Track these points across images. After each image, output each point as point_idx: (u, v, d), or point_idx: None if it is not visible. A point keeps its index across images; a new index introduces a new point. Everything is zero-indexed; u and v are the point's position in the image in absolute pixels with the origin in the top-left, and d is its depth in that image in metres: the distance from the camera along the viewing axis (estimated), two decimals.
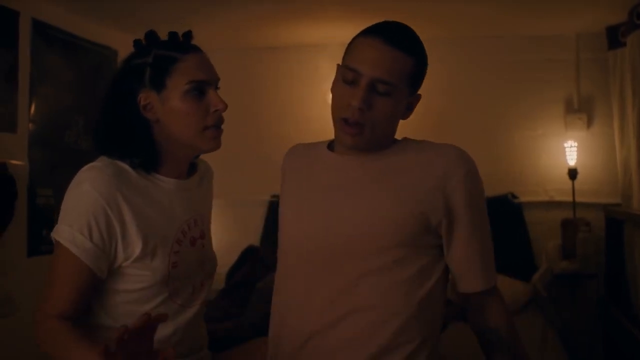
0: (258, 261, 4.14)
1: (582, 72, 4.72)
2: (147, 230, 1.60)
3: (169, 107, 1.62)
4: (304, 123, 4.96)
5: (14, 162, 3.61)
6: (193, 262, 1.71)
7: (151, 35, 1.69)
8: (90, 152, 1.77)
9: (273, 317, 1.69)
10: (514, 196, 4.68)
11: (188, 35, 1.71)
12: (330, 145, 1.71)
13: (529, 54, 4.81)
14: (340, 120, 1.55)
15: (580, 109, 4.70)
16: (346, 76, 1.54)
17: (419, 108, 1.66)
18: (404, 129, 1.68)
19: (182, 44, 1.67)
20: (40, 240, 3.77)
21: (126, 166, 1.65)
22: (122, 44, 4.81)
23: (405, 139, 1.68)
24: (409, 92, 1.58)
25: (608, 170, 4.56)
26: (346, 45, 1.60)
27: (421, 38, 1.61)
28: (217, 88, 1.69)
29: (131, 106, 1.64)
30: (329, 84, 1.64)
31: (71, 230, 1.56)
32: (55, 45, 4.11)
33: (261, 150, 5.00)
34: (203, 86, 1.64)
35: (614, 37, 4.34)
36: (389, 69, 1.51)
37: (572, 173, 4.54)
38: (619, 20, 4.20)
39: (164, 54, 1.63)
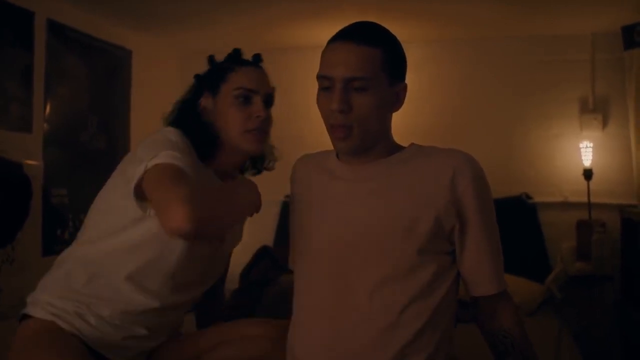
0: (271, 261, 4.14)
1: (597, 72, 4.69)
2: None
3: (219, 109, 1.86)
4: (319, 124, 4.86)
5: (29, 162, 3.63)
6: (204, 259, 1.85)
7: (211, 58, 1.97)
8: (105, 152, 1.82)
9: (292, 326, 1.70)
10: (529, 197, 4.65)
11: (237, 51, 1.96)
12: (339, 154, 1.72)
13: (544, 55, 4.78)
14: (329, 127, 1.59)
15: (596, 109, 4.67)
16: (322, 84, 1.59)
17: (434, 109, 1.66)
18: (419, 130, 1.68)
19: (241, 57, 1.93)
20: (54, 240, 3.79)
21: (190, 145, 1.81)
22: (137, 44, 4.84)
23: (412, 145, 1.68)
24: (389, 82, 1.58)
25: (624, 170, 4.52)
26: None
27: (437, 39, 1.63)
28: (268, 100, 1.89)
29: (195, 109, 1.89)
30: None
31: (163, 153, 1.63)
32: (70, 46, 4.13)
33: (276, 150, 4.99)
34: (250, 94, 1.84)
35: (630, 36, 4.31)
36: (357, 65, 1.53)
37: (588, 174, 4.51)
38: (634, 19, 4.18)
39: (224, 64, 1.90)
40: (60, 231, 3.88)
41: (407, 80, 1.64)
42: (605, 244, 4.33)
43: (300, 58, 5.15)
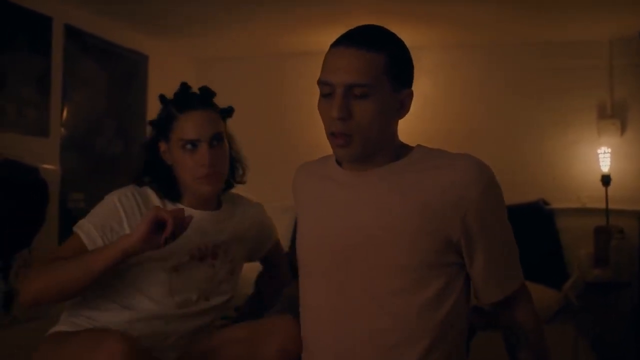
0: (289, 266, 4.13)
1: (615, 77, 4.66)
2: None
3: (172, 155, 1.96)
4: None
5: (46, 166, 3.65)
6: (197, 275, 1.95)
7: (161, 97, 2.05)
8: (121, 157, 1.89)
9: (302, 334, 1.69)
10: (546, 203, 4.62)
11: (203, 90, 2.01)
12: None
13: (561, 61, 4.76)
14: (329, 135, 1.54)
15: (614, 115, 4.63)
16: (323, 91, 1.54)
17: (449, 115, 1.63)
18: (435, 135, 1.66)
19: (186, 100, 1.97)
20: None
21: (152, 193, 1.98)
22: (153, 50, 4.86)
23: (418, 147, 1.62)
24: (392, 89, 1.52)
25: None
26: None
27: (454, 44, 1.59)
28: (215, 140, 1.93)
29: (156, 151, 2.00)
30: None
31: (87, 223, 1.90)
32: (87, 51, 4.16)
33: (288, 155, 4.98)
34: (194, 142, 1.91)
35: None
36: (358, 71, 1.47)
37: (606, 179, 4.47)
38: None
39: (170, 110, 1.97)
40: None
41: (422, 86, 1.61)
42: (623, 251, 4.29)
43: (311, 64, 5.14)
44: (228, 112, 2.05)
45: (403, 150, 1.61)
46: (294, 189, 1.79)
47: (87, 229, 1.88)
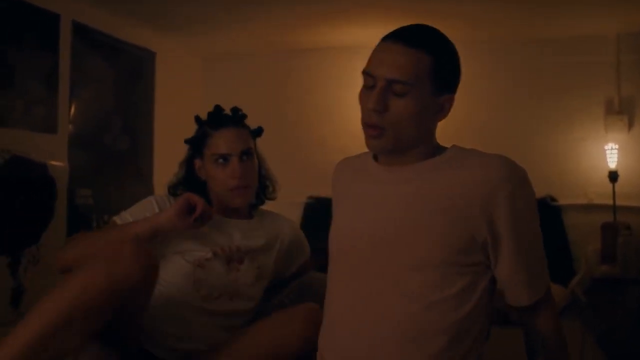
0: None
1: (622, 73, 4.65)
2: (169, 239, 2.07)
3: (206, 170, 2.15)
4: (341, 125, 4.96)
5: (54, 162, 3.66)
6: (221, 274, 2.06)
7: (197, 118, 2.22)
8: (129, 153, 1.94)
9: (322, 326, 1.69)
10: (553, 199, 4.62)
11: (234, 110, 2.18)
12: (377, 156, 1.68)
13: (568, 56, 4.75)
14: (364, 125, 1.55)
15: (621, 111, 4.62)
16: (366, 82, 1.54)
17: (457, 113, 1.62)
18: (439, 133, 1.65)
19: (219, 119, 2.15)
20: None
21: None
22: (161, 46, 4.87)
23: (454, 147, 1.62)
24: (432, 92, 1.52)
25: None
26: None
27: (461, 40, 1.58)
28: (246, 155, 2.12)
29: (192, 168, 2.19)
30: None
31: (124, 212, 2.09)
32: (95, 48, 4.17)
33: (298, 152, 5.01)
34: (226, 157, 2.10)
35: None
36: (403, 68, 1.48)
37: (613, 176, 4.47)
38: None
39: (204, 129, 2.15)
40: (84, 231, 3.91)
41: None
42: (630, 247, 4.29)
43: (322, 60, 5.16)
44: (258, 132, 2.23)
45: (439, 150, 1.62)
46: (333, 182, 1.81)
47: (124, 217, 2.07)
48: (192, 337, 1.98)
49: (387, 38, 1.54)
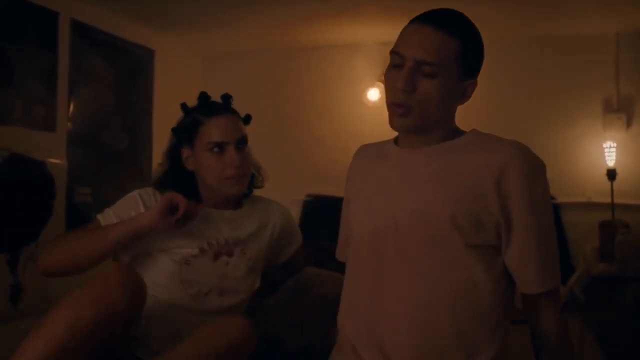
0: None
1: (621, 71, 4.66)
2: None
3: (198, 160, 2.04)
4: (341, 123, 4.96)
5: (53, 161, 3.67)
6: (209, 269, 2.01)
7: (183, 105, 2.13)
8: (128, 152, 1.92)
9: (341, 304, 1.71)
10: (551, 197, 4.61)
11: (225, 97, 2.10)
12: (398, 140, 1.71)
13: (567, 55, 4.75)
14: (390, 104, 1.57)
15: (620, 109, 4.63)
16: (394, 61, 1.56)
17: (457, 111, 1.64)
18: None
19: (211, 107, 2.07)
20: None
21: None
22: (160, 44, 4.87)
23: (473, 131, 1.68)
24: (459, 76, 1.56)
25: None
26: (382, 45, 1.60)
27: None
28: (241, 143, 2.03)
29: (178, 158, 2.08)
30: (366, 84, 1.65)
31: (108, 210, 2.01)
32: (93, 46, 4.17)
33: (297, 149, 5.01)
34: (222, 145, 2.00)
35: None
36: (432, 50, 1.51)
37: (611, 174, 4.47)
38: None
39: (195, 117, 2.05)
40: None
41: None
42: (628, 245, 4.29)
43: (321, 58, 5.16)
44: (247, 119, 2.13)
45: (458, 133, 1.66)
46: (350, 169, 1.82)
47: (107, 214, 1.99)
48: (183, 339, 1.87)
49: (416, 20, 1.58)
